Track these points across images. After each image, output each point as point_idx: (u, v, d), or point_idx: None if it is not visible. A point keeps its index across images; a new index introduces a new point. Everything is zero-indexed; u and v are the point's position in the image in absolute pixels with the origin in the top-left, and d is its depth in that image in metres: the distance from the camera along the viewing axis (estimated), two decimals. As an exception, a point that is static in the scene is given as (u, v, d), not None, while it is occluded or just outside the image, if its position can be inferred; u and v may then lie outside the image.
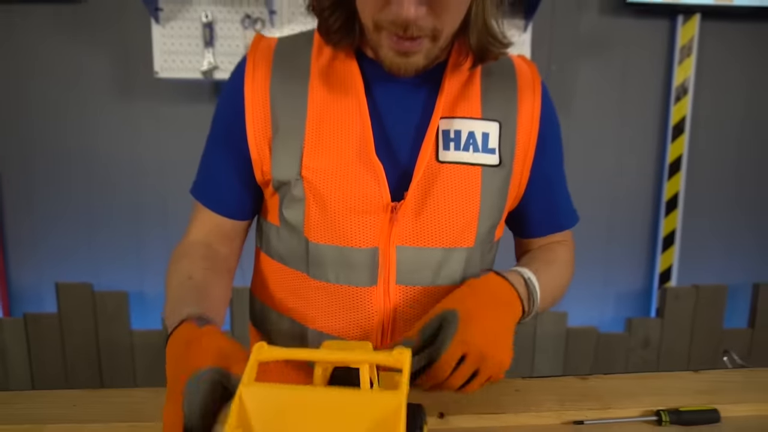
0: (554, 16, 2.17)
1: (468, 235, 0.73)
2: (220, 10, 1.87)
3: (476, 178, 0.72)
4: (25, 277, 2.27)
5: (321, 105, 0.71)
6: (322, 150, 0.71)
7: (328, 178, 0.70)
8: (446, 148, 0.72)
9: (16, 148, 2.18)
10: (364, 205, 0.70)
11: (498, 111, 0.74)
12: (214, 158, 0.79)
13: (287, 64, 0.73)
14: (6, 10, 2.06)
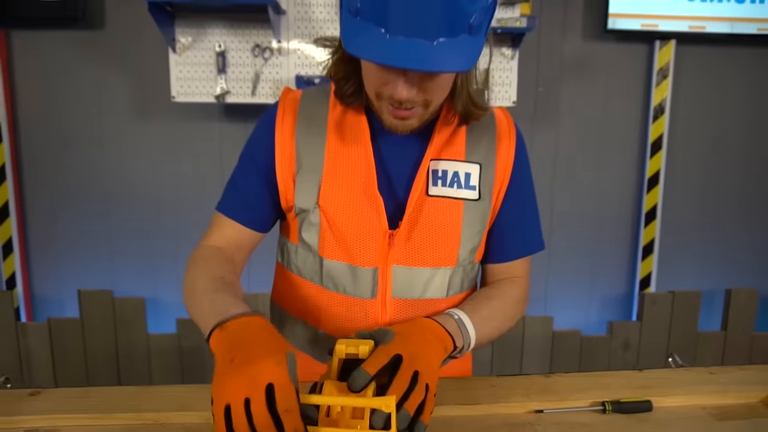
0: (540, 42, 2.32)
1: (451, 257, 0.88)
2: (232, 41, 2.03)
3: (459, 209, 0.86)
4: (47, 285, 2.42)
5: (335, 149, 0.87)
6: (336, 185, 0.86)
7: (340, 208, 0.85)
8: (434, 185, 0.86)
9: (40, 164, 2.33)
10: (368, 230, 0.85)
11: (479, 155, 0.89)
12: (245, 180, 0.91)
13: (309, 115, 0.88)
14: (35, 35, 2.22)
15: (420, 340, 0.72)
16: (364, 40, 0.69)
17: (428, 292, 0.88)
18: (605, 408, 0.81)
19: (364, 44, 0.69)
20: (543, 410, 0.81)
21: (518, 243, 0.95)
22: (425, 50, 0.67)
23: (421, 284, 0.88)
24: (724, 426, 0.77)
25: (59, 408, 0.81)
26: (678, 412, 0.82)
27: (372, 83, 0.78)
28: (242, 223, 0.91)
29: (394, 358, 0.67)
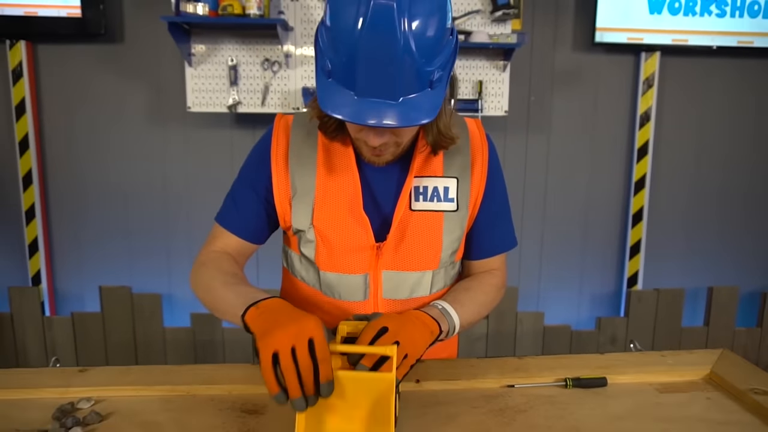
0: (532, 54, 2.46)
1: (434, 261, 0.99)
2: (243, 55, 2.18)
3: (440, 220, 0.98)
4: (69, 282, 2.58)
5: (325, 174, 0.97)
6: (327, 207, 0.97)
7: (331, 227, 0.97)
8: (416, 200, 0.97)
9: (63, 167, 2.49)
10: (356, 245, 0.97)
11: (455, 170, 0.99)
12: (244, 199, 1.02)
13: (301, 142, 0.98)
14: (60, 49, 2.38)
15: (406, 321, 0.85)
16: (336, 100, 0.78)
17: (415, 292, 1.01)
18: (567, 383, 0.95)
19: (336, 104, 0.78)
20: (514, 385, 0.96)
21: (494, 242, 1.07)
22: (391, 108, 0.76)
23: (408, 286, 1.00)
24: (666, 397, 0.92)
25: (105, 382, 0.96)
26: (628, 387, 0.96)
27: (349, 130, 0.90)
28: (241, 237, 1.03)
29: (381, 330, 0.79)
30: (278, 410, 0.86)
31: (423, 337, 0.86)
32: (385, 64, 0.74)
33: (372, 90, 0.76)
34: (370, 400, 0.74)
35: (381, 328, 0.80)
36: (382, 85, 0.76)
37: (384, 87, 0.76)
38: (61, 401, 0.90)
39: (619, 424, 0.83)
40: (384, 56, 0.74)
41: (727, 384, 0.94)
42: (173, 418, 0.85)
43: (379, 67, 0.75)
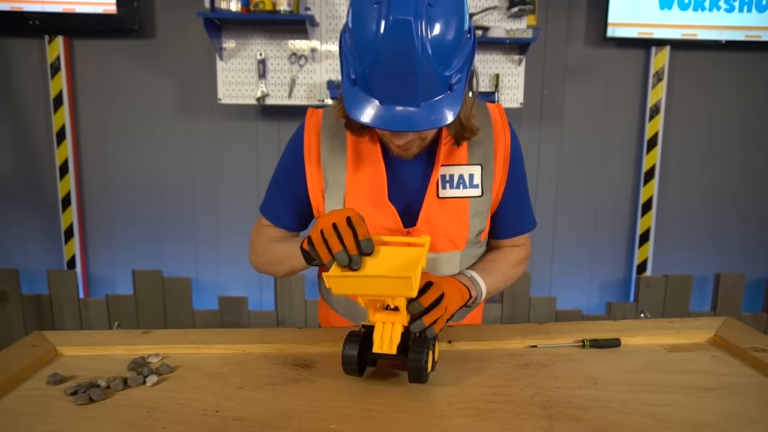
0: (546, 48, 2.55)
1: (461, 242, 1.07)
2: (272, 49, 2.29)
3: (466, 205, 1.05)
4: (101, 266, 2.71)
5: (354, 167, 1.04)
6: (356, 197, 1.04)
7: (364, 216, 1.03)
8: (443, 188, 1.04)
9: (97, 157, 2.62)
10: (385, 232, 1.04)
11: (479, 157, 1.05)
12: (278, 193, 1.13)
13: (331, 136, 1.05)
14: (95, 44, 2.50)
15: (445, 281, 0.95)
16: (361, 106, 0.84)
17: (445, 271, 1.09)
18: (584, 344, 1.06)
19: (362, 110, 0.83)
20: (537, 345, 1.06)
21: (518, 223, 1.16)
22: (412, 114, 0.82)
23: (438, 265, 1.08)
24: (674, 355, 1.02)
25: (167, 341, 1.07)
26: (640, 347, 1.06)
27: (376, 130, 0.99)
28: (281, 227, 1.14)
29: (426, 284, 0.88)
30: (326, 364, 0.97)
31: (456, 299, 0.95)
32: (405, 74, 0.79)
33: (394, 98, 0.82)
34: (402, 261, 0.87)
35: (426, 282, 0.89)
36: (404, 92, 0.81)
37: (405, 94, 0.81)
38: (131, 357, 1.01)
39: (632, 375, 0.93)
40: (403, 67, 0.78)
41: (729, 344, 1.04)
42: (234, 371, 0.96)
43: (400, 77, 0.79)
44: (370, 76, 0.82)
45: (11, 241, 2.64)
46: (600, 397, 0.85)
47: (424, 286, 0.89)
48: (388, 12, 0.77)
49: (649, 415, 0.79)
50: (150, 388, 0.89)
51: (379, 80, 0.81)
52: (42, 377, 0.93)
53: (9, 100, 2.53)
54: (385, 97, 0.82)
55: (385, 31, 0.77)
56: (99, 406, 0.83)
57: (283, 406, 0.83)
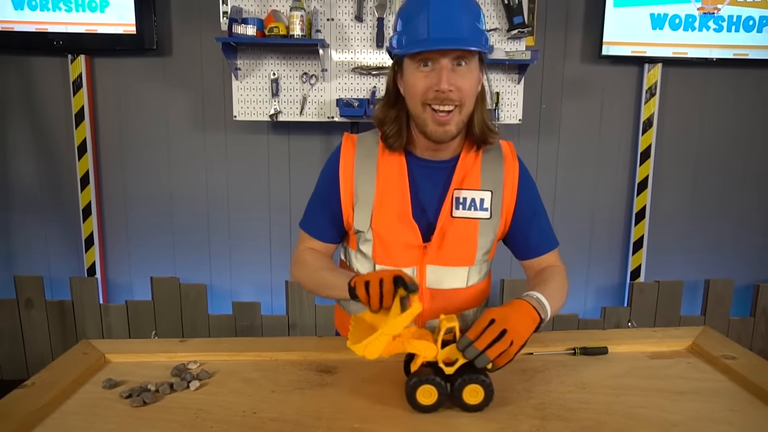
0: (544, 65, 2.67)
1: (470, 259, 1.18)
2: (284, 69, 2.42)
3: (475, 226, 1.16)
4: (119, 273, 2.84)
5: (382, 186, 1.16)
6: (383, 213, 1.16)
7: (387, 230, 1.16)
8: (457, 208, 1.16)
9: (116, 169, 2.74)
10: (407, 244, 1.16)
11: (490, 183, 1.17)
12: (317, 209, 1.24)
13: (364, 157, 1.18)
14: (114, 62, 2.63)
15: (511, 311, 0.98)
16: (413, 47, 1.04)
17: (453, 284, 1.19)
18: (575, 351, 1.18)
19: (414, 47, 1.04)
20: (533, 353, 1.19)
21: (537, 243, 1.25)
22: (458, 40, 1.04)
23: (448, 279, 1.19)
24: (654, 362, 1.14)
25: (202, 349, 1.20)
26: (625, 354, 1.19)
27: (419, 93, 1.07)
28: (320, 240, 1.26)
29: (490, 322, 0.93)
30: (346, 369, 1.10)
31: (527, 325, 1.00)
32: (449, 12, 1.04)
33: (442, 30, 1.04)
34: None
35: (489, 320, 0.94)
36: (451, 24, 1.04)
37: (451, 27, 1.04)
38: (171, 364, 1.13)
39: (616, 380, 1.06)
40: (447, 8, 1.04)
41: (704, 352, 1.17)
42: (265, 376, 1.08)
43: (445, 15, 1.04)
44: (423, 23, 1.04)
45: (35, 250, 2.77)
46: (587, 400, 0.97)
47: (487, 323, 0.94)
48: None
49: (628, 416, 0.92)
50: (193, 392, 1.02)
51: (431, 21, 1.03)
52: (96, 382, 1.06)
53: (34, 115, 2.66)
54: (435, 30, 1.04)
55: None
56: (151, 408, 0.96)
57: (311, 407, 0.95)
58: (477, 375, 0.92)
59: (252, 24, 2.19)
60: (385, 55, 2.42)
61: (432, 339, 0.95)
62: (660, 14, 2.56)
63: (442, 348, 0.93)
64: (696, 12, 2.56)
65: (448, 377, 0.93)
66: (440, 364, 0.93)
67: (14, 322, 2.64)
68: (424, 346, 0.93)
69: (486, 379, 0.92)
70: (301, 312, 2.61)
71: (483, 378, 0.92)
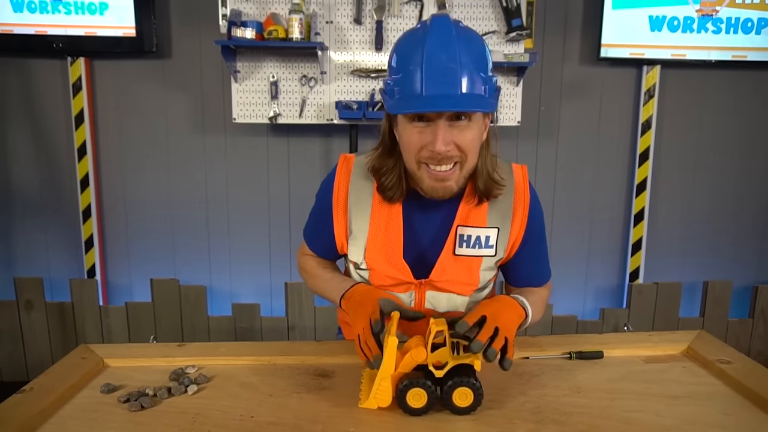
0: (543, 67, 2.68)
1: (471, 289, 1.17)
2: (284, 72, 2.42)
3: (478, 262, 1.13)
4: (119, 274, 2.84)
5: (376, 223, 1.13)
6: (376, 248, 1.13)
7: (379, 265, 1.14)
8: (460, 246, 1.12)
9: (116, 171, 2.75)
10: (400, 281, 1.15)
11: (497, 220, 1.12)
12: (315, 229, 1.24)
13: (359, 189, 1.12)
14: (114, 64, 2.64)
15: (500, 307, 1.01)
16: (405, 104, 0.94)
17: (451, 307, 1.18)
18: (571, 355, 1.19)
19: (406, 106, 0.94)
20: (529, 357, 1.20)
21: (534, 276, 1.25)
22: (453, 98, 0.92)
23: (447, 303, 1.18)
24: (650, 366, 1.15)
25: (201, 353, 1.20)
26: (621, 358, 1.19)
27: (413, 150, 0.99)
28: (321, 256, 1.28)
29: (481, 318, 0.96)
30: (343, 373, 1.11)
31: (514, 321, 1.03)
32: (446, 61, 0.91)
33: (438, 84, 0.92)
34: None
35: (480, 317, 0.96)
36: (447, 78, 0.91)
37: (448, 80, 0.91)
38: (170, 368, 1.14)
39: (611, 384, 1.06)
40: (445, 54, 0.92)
41: (699, 356, 1.18)
42: (263, 380, 1.09)
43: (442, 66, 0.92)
44: (413, 76, 0.93)
45: (35, 251, 2.78)
46: (582, 404, 0.98)
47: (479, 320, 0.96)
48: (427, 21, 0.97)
49: (623, 420, 0.93)
50: (191, 396, 1.03)
51: (426, 75, 0.91)
52: (95, 386, 1.07)
53: (33, 118, 2.67)
54: (428, 87, 0.92)
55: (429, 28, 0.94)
56: (149, 412, 0.97)
57: (309, 411, 0.96)
58: (467, 378, 0.92)
59: (251, 27, 2.20)
60: (383, 58, 2.43)
61: (424, 342, 0.96)
62: (658, 16, 2.57)
63: (432, 351, 0.94)
64: (694, 14, 2.57)
65: (438, 380, 0.94)
66: (430, 367, 0.94)
67: (14, 324, 2.65)
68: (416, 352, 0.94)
69: (476, 383, 0.93)
70: (300, 314, 2.62)
71: (473, 381, 0.92)
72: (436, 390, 0.93)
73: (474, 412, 0.94)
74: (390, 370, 0.94)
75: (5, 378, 2.70)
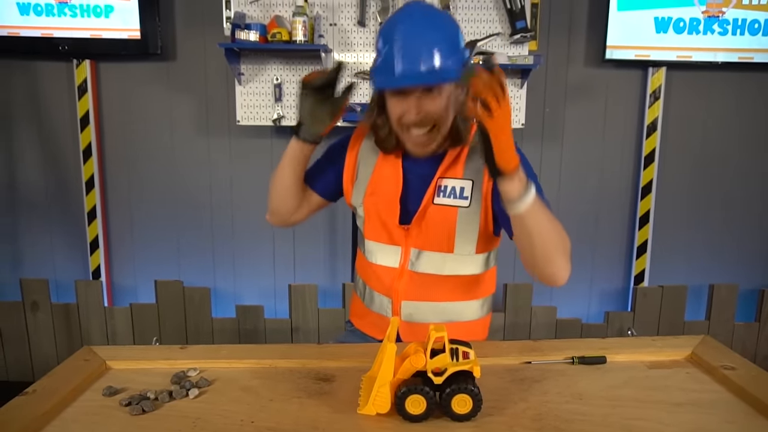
0: (547, 69, 2.67)
1: (449, 245, 1.25)
2: (287, 74, 2.43)
3: (454, 213, 1.24)
4: (124, 276, 2.86)
5: (379, 172, 1.30)
6: (375, 193, 1.30)
7: (376, 208, 1.29)
8: (438, 196, 1.25)
9: (121, 173, 2.76)
10: (391, 224, 1.28)
11: (472, 173, 1.24)
12: (321, 164, 1.39)
13: (370, 147, 1.32)
14: (119, 66, 2.65)
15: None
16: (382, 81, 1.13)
17: (429, 268, 1.28)
18: (574, 361, 1.18)
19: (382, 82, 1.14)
20: (531, 362, 1.19)
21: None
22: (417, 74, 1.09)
23: (425, 262, 1.27)
24: (653, 372, 1.14)
25: (202, 356, 1.21)
26: (623, 364, 1.18)
27: (394, 117, 1.18)
28: (308, 185, 1.37)
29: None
30: (344, 377, 1.10)
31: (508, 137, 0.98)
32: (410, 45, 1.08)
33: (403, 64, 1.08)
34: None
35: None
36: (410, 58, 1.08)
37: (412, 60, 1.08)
38: (171, 371, 1.14)
39: (613, 391, 1.06)
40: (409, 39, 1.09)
41: (704, 362, 1.17)
42: (264, 384, 1.09)
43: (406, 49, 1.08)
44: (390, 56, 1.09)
45: (41, 253, 2.80)
46: (584, 411, 0.97)
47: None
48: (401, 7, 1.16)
49: (624, 427, 0.92)
50: (192, 400, 1.03)
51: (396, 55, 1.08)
52: (97, 389, 1.07)
53: (39, 119, 2.68)
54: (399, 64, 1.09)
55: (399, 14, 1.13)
56: (150, 416, 0.97)
57: (308, 416, 0.96)
58: (466, 385, 0.92)
59: (255, 29, 2.21)
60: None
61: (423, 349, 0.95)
62: (664, 18, 2.55)
63: (431, 357, 0.94)
64: (700, 15, 2.55)
65: (437, 387, 0.93)
66: (429, 373, 0.94)
67: (20, 325, 2.66)
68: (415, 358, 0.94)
69: (474, 389, 0.92)
70: (304, 316, 2.62)
71: (471, 388, 0.92)
72: (436, 396, 0.93)
73: (474, 419, 0.93)
74: (389, 376, 0.94)
75: (11, 378, 2.72)
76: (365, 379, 1.05)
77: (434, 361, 0.94)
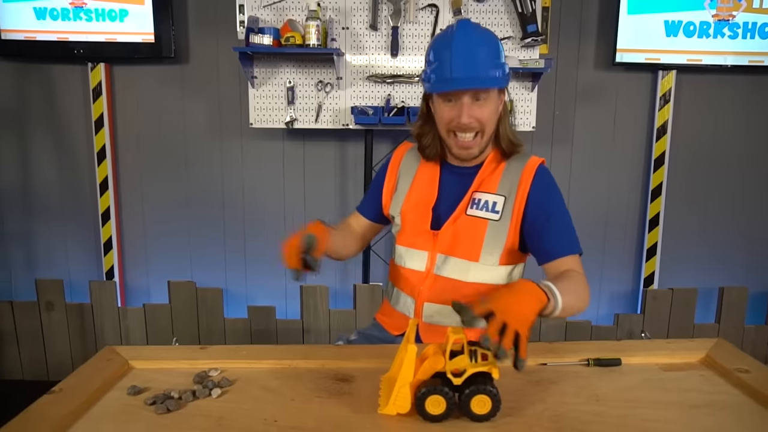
0: (557, 72, 2.68)
1: (475, 254, 1.31)
2: (300, 77, 2.45)
3: (484, 225, 1.31)
4: (137, 276, 2.89)
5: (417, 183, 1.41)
6: (411, 203, 1.40)
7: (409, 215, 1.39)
8: (471, 208, 1.33)
9: (134, 175, 2.79)
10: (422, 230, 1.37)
11: (506, 189, 1.32)
12: (369, 193, 1.53)
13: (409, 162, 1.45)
14: (133, 70, 2.68)
15: (512, 298, 0.95)
16: (438, 85, 1.24)
17: (453, 273, 1.33)
18: (589, 362, 1.20)
19: (438, 87, 1.24)
20: (547, 363, 1.20)
21: (553, 246, 1.28)
22: (473, 79, 1.20)
23: (450, 267, 1.33)
24: (668, 374, 1.15)
25: (222, 356, 1.23)
26: (638, 366, 1.20)
27: (443, 122, 1.28)
28: (360, 213, 1.53)
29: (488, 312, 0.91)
30: (363, 378, 1.12)
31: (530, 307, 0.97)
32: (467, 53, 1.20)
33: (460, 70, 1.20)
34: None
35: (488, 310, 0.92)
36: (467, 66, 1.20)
37: (468, 67, 1.20)
38: (193, 371, 1.16)
39: (629, 393, 1.07)
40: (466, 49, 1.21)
41: (718, 365, 1.18)
42: (284, 384, 1.11)
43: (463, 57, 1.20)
44: (446, 63, 1.21)
45: (56, 253, 2.83)
46: (601, 413, 0.99)
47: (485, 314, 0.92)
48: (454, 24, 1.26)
49: (641, 429, 0.93)
50: (215, 399, 1.05)
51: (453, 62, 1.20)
52: (121, 388, 1.09)
53: (54, 122, 2.72)
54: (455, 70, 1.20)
55: (455, 28, 1.23)
56: (175, 415, 0.99)
57: (330, 417, 0.97)
58: (484, 386, 0.93)
59: (268, 33, 2.23)
60: (399, 63, 2.45)
61: (442, 350, 0.97)
62: (674, 21, 2.56)
63: (451, 359, 0.96)
64: (711, 19, 2.56)
65: (457, 387, 0.95)
66: (448, 374, 0.95)
67: (35, 324, 2.69)
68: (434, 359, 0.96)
69: (493, 390, 0.94)
70: (315, 317, 2.64)
71: (490, 389, 0.94)
72: (455, 397, 0.95)
73: (493, 419, 0.95)
74: (409, 377, 0.96)
75: (27, 377, 2.75)
76: (384, 379, 1.07)
77: (453, 363, 0.96)
